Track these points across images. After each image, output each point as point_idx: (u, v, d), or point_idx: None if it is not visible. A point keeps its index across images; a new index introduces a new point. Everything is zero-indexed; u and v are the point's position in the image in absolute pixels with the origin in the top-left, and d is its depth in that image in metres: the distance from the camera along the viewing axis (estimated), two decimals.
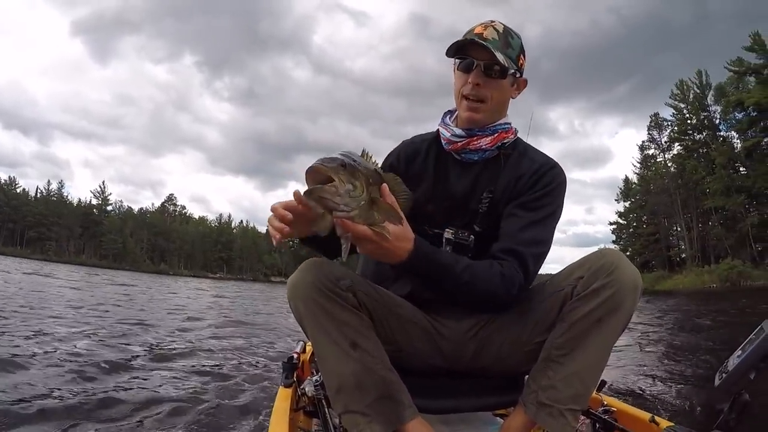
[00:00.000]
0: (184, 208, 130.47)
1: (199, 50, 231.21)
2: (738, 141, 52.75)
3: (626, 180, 69.72)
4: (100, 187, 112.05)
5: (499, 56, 1.56)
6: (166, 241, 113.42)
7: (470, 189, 1.70)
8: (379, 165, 1.39)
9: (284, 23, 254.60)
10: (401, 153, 1.84)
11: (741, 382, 1.39)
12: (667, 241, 61.87)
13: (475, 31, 1.64)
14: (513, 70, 1.63)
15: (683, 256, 58.67)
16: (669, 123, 61.95)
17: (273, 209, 1.30)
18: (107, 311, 9.45)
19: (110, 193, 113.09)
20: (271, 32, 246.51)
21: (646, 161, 66.59)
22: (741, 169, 51.99)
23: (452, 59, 1.70)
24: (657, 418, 1.84)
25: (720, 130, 55.98)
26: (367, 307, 1.49)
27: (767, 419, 1.73)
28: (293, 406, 1.97)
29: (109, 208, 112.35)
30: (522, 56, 1.69)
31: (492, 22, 1.66)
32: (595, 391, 2.05)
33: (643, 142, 67.53)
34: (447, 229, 1.68)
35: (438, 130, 1.79)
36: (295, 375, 2.19)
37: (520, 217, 1.60)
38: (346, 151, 1.23)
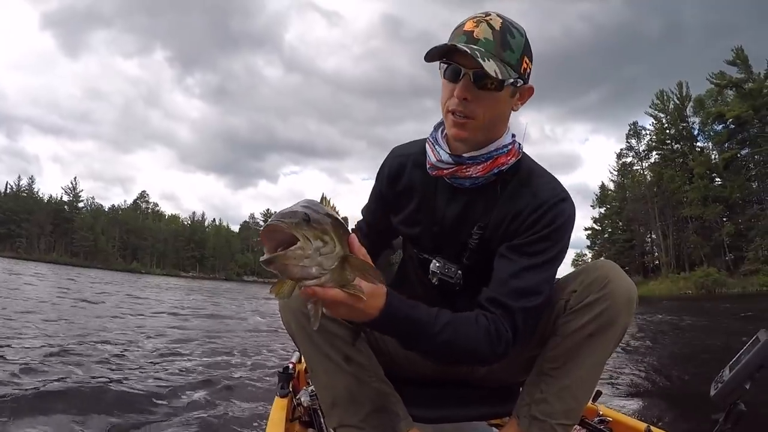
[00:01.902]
0: (156, 205, 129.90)
1: (170, 45, 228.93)
2: (714, 152, 54.82)
3: (602, 186, 71.27)
4: (71, 183, 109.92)
5: (490, 66, 1.25)
6: (139, 239, 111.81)
7: (459, 219, 1.49)
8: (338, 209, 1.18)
9: (256, 21, 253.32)
10: (387, 169, 1.63)
11: (736, 392, 1.37)
12: (642, 248, 63.11)
13: (465, 28, 1.34)
14: (512, 80, 1.32)
15: (657, 262, 59.88)
16: (648, 132, 63.86)
17: None
18: (78, 315, 9.03)
19: (81, 190, 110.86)
20: (243, 30, 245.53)
21: (624, 169, 68.12)
22: (717, 180, 53.76)
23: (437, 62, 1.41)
24: (653, 428, 1.84)
25: (698, 141, 58.12)
26: None
27: (763, 429, 1.77)
28: (289, 417, 1.95)
29: (81, 204, 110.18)
30: (527, 58, 1.37)
31: (487, 15, 1.35)
32: (590, 401, 2.01)
33: (621, 149, 69.35)
34: (435, 260, 1.52)
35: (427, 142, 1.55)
36: (290, 385, 2.17)
37: (513, 261, 1.36)
38: (306, 201, 1.03)
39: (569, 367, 1.38)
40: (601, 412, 2.03)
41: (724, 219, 51.77)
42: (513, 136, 1.47)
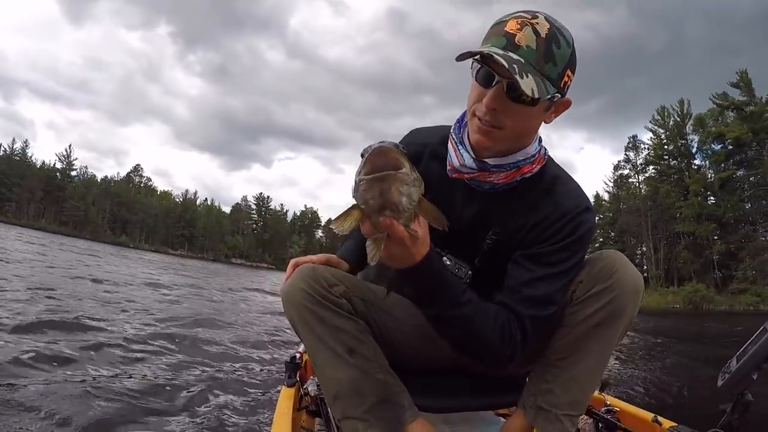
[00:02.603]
0: (149, 180, 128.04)
1: (174, 21, 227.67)
2: (710, 171, 55.69)
3: (597, 196, 71.33)
4: (65, 150, 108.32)
5: (527, 83, 1.14)
6: (129, 213, 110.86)
7: (474, 221, 1.44)
8: None
9: (262, 3, 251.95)
10: None
11: (743, 382, 1.39)
12: (632, 260, 62.80)
13: (507, 28, 1.21)
14: (549, 96, 1.21)
15: (646, 275, 60.25)
16: (646, 146, 64.46)
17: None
18: (69, 293, 7.92)
19: (76, 158, 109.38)
20: (249, 11, 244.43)
21: (620, 180, 68.81)
22: (711, 198, 54.66)
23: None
24: (660, 418, 1.83)
25: (695, 158, 58.89)
26: (362, 312, 1.44)
27: None
28: (296, 406, 1.94)
29: (74, 173, 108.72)
30: (569, 71, 1.25)
31: (534, 17, 1.21)
32: (597, 391, 2.07)
33: (619, 161, 69.93)
34: (446, 256, 1.49)
35: (449, 134, 1.47)
36: (297, 375, 2.16)
37: (529, 270, 1.34)
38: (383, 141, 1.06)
39: (576, 357, 1.36)
40: (608, 402, 2.03)
41: (715, 237, 52.48)
42: (540, 141, 1.42)
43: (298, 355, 2.26)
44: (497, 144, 1.30)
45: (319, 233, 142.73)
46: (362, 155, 1.03)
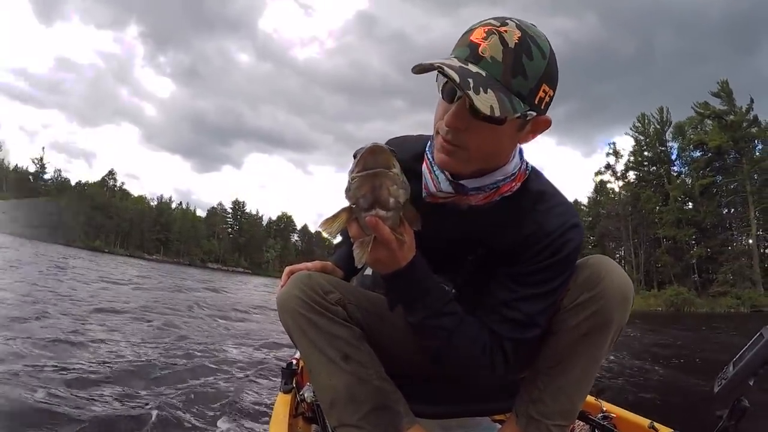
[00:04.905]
0: (124, 183, 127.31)
1: (145, 21, 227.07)
2: (689, 178, 57.17)
3: (575, 202, 71.95)
4: (40, 154, 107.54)
5: (485, 100, 1.03)
6: (104, 217, 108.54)
7: (455, 241, 1.39)
8: None
9: (232, 5, 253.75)
10: None
11: (740, 388, 1.38)
12: None
13: (472, 38, 1.11)
14: (519, 114, 1.09)
15: None
16: (625, 152, 65.60)
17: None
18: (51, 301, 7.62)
19: (48, 162, 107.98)
20: (218, 12, 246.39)
21: (600, 186, 70.14)
22: (689, 204, 56.18)
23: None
24: (656, 425, 1.84)
25: (674, 165, 60.30)
26: (358, 319, 1.42)
27: (767, 426, 1.74)
28: (292, 412, 1.95)
29: (47, 176, 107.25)
30: (546, 85, 1.13)
31: (503, 24, 1.10)
32: (594, 397, 2.09)
33: (600, 168, 70.78)
34: None
35: (424, 152, 1.40)
36: (294, 381, 2.17)
37: (511, 290, 1.30)
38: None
39: (565, 366, 1.34)
40: (604, 408, 2.02)
41: (694, 242, 53.87)
42: (521, 152, 1.34)
43: (294, 362, 2.26)
44: (463, 166, 1.23)
45: (295, 237, 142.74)
46: (355, 156, 1.06)
